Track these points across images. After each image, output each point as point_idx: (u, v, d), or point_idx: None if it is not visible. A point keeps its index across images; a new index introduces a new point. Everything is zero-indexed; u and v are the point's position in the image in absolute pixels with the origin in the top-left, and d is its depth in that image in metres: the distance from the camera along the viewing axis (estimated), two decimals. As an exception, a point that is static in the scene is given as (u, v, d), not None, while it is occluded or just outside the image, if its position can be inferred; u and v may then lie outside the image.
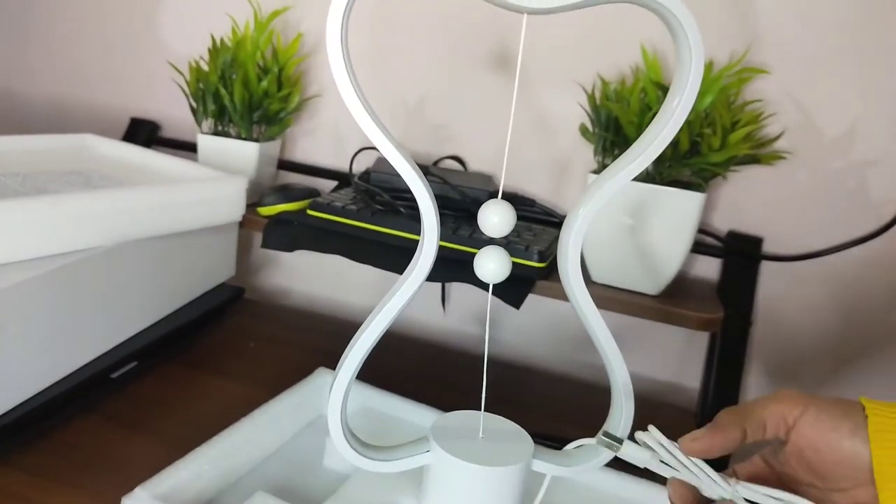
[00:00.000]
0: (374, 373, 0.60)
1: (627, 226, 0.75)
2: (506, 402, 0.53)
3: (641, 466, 0.43)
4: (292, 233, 0.86)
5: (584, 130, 0.82)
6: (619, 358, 0.49)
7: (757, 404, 0.40)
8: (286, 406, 0.67)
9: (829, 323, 0.86)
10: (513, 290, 0.75)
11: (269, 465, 0.63)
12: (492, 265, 0.46)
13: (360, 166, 0.93)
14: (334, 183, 1.03)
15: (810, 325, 0.87)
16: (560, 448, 0.51)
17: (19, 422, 0.63)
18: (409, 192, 0.44)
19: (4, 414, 0.62)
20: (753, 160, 0.78)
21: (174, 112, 1.13)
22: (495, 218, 0.45)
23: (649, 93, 0.75)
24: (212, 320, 0.92)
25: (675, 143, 0.72)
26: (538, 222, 0.89)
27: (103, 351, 0.74)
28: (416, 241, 0.46)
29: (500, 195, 0.47)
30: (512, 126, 0.46)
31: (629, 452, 0.44)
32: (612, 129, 0.77)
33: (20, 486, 0.59)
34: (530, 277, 0.76)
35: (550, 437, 0.59)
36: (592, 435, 0.50)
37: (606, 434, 0.45)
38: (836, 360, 0.86)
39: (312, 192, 0.93)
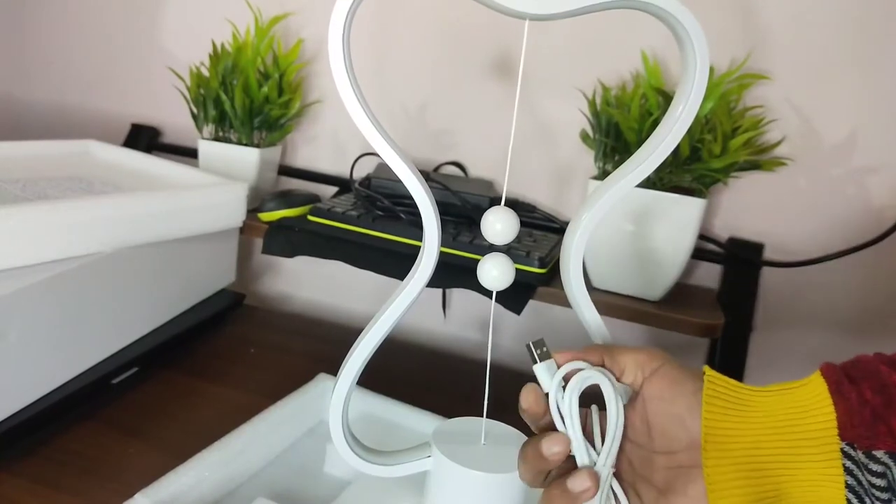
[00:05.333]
0: (375, 379, 0.60)
1: (628, 232, 0.75)
2: (507, 408, 0.53)
3: (545, 391, 0.43)
4: (293, 239, 0.86)
5: (584, 136, 0.82)
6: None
7: (622, 349, 0.43)
8: (287, 412, 0.66)
9: (829, 329, 0.86)
10: (513, 296, 0.75)
11: (269, 472, 0.63)
12: (495, 272, 0.46)
13: (360, 172, 0.93)
14: (335, 189, 1.03)
15: (811, 332, 0.86)
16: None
17: (19, 428, 0.63)
18: (410, 197, 0.44)
19: (4, 420, 0.62)
20: (754, 166, 0.78)
21: (175, 118, 1.13)
22: (499, 225, 0.45)
23: (650, 98, 0.75)
24: (212, 326, 0.92)
25: (675, 150, 0.72)
26: (539, 228, 0.89)
27: (104, 357, 0.74)
28: (417, 247, 0.46)
29: (503, 201, 0.47)
30: (513, 132, 0.46)
31: (540, 372, 0.43)
32: (612, 135, 0.77)
33: (20, 492, 0.59)
34: (531, 284, 0.76)
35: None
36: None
37: (537, 344, 0.44)
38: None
39: (313, 198, 0.93)
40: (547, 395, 0.42)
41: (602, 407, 0.42)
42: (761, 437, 0.37)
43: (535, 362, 0.43)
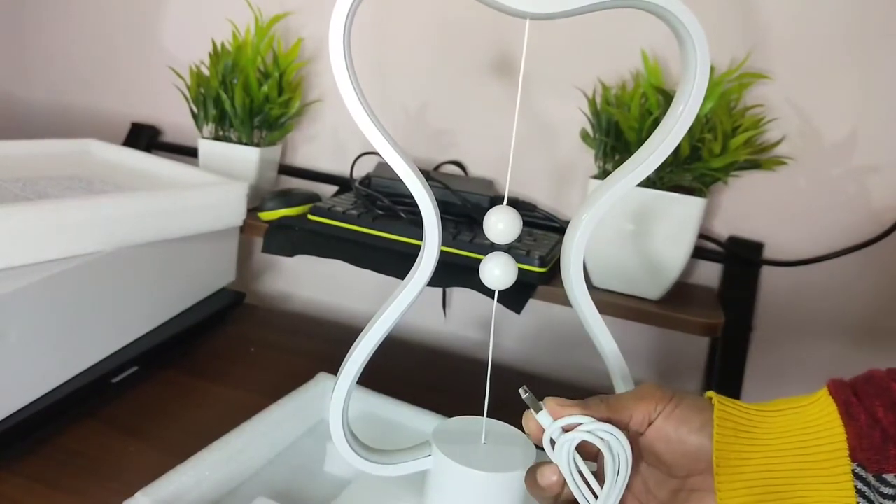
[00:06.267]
0: (376, 378, 0.60)
1: (629, 231, 0.75)
2: (507, 407, 0.53)
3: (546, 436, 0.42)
4: (293, 238, 0.86)
5: (584, 135, 0.82)
6: (622, 362, 0.49)
7: (624, 400, 0.42)
8: (287, 411, 0.66)
9: (829, 328, 0.86)
10: (514, 295, 0.75)
11: (270, 471, 0.63)
12: (498, 272, 0.46)
13: (360, 171, 0.93)
14: (335, 188, 1.03)
15: (810, 331, 0.86)
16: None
17: (19, 427, 0.63)
18: (410, 196, 0.44)
19: (5, 419, 0.62)
20: (754, 165, 0.78)
21: (175, 117, 1.13)
22: (501, 224, 0.45)
23: (650, 98, 0.75)
24: (212, 325, 0.92)
25: (676, 149, 0.72)
26: (539, 227, 0.89)
27: (104, 356, 0.74)
28: (417, 246, 0.46)
29: (505, 201, 0.47)
30: (515, 131, 0.46)
31: (542, 418, 0.42)
32: (612, 134, 0.77)
33: (20, 492, 0.59)
34: (531, 283, 0.76)
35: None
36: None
37: (530, 395, 0.43)
38: (836, 366, 0.86)
39: (313, 197, 0.93)
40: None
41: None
42: (772, 460, 0.37)
43: (533, 412, 0.43)
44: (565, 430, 0.41)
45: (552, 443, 0.42)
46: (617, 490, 0.40)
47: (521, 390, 0.43)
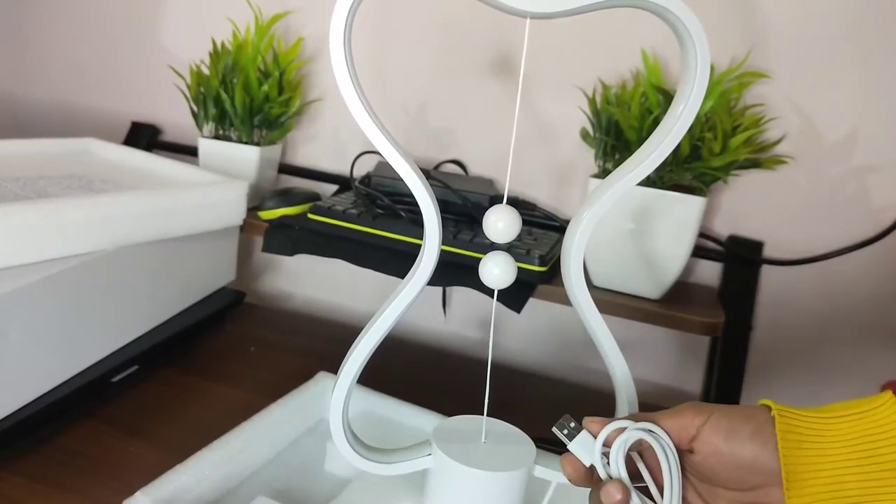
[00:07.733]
0: (376, 377, 0.60)
1: (629, 230, 0.75)
2: (507, 406, 0.53)
3: (587, 464, 0.42)
4: (293, 237, 0.86)
5: (584, 135, 0.82)
6: (622, 362, 0.50)
7: (660, 416, 0.41)
8: (287, 410, 0.66)
9: (829, 328, 0.86)
10: (514, 294, 0.75)
11: (270, 470, 0.63)
12: (497, 271, 0.46)
13: (360, 170, 0.93)
14: (335, 187, 1.03)
15: (810, 330, 0.87)
16: (562, 453, 0.51)
17: (20, 426, 0.63)
18: (410, 195, 0.45)
19: (5, 418, 0.62)
20: (754, 165, 0.78)
21: (175, 116, 1.13)
22: (501, 223, 0.45)
23: (650, 97, 0.75)
24: (212, 325, 0.92)
25: (676, 148, 0.72)
26: (539, 226, 0.89)
27: (104, 355, 0.74)
28: (417, 246, 0.46)
29: (504, 200, 0.47)
30: (515, 130, 0.46)
31: (577, 448, 0.42)
32: (612, 134, 0.77)
33: (20, 491, 0.59)
34: (531, 282, 0.76)
35: (553, 441, 0.59)
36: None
37: (562, 425, 0.43)
38: (836, 365, 0.86)
39: (313, 196, 0.92)
40: (590, 465, 0.42)
41: None
42: (841, 470, 0.37)
43: (567, 443, 0.42)
44: (607, 443, 0.41)
45: (605, 458, 0.41)
46: (678, 487, 0.39)
47: (554, 428, 0.42)
